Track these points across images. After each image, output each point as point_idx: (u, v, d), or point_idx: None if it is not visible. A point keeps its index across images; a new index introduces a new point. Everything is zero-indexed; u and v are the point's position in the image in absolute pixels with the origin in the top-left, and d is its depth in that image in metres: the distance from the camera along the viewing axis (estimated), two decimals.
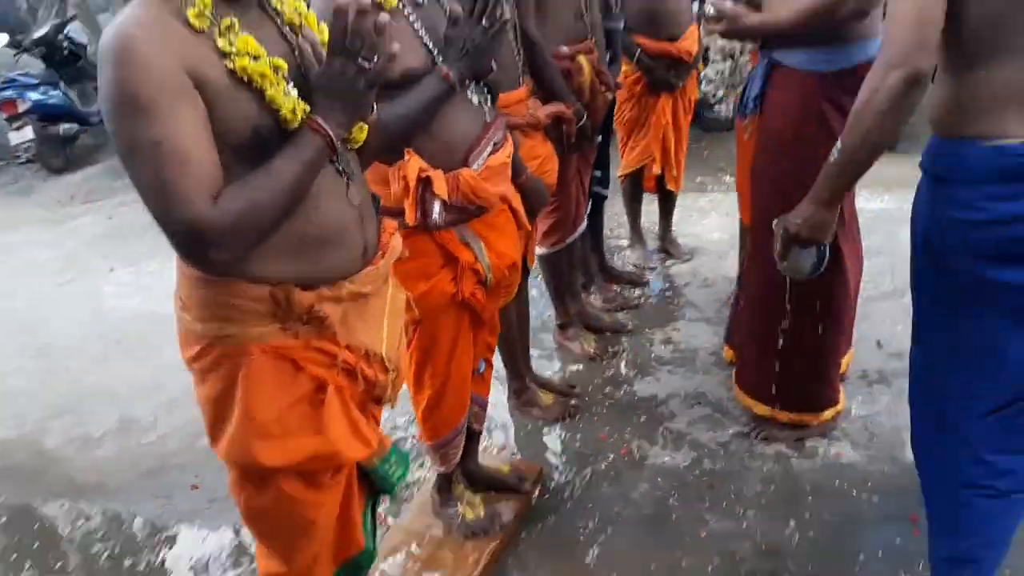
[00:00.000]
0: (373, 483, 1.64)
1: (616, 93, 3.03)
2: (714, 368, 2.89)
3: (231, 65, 1.22)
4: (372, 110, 1.40)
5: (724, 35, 2.24)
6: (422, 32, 1.72)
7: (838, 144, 1.52)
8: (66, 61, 7.39)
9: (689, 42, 3.27)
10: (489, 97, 1.90)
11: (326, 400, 1.43)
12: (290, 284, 1.33)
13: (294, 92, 1.27)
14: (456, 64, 1.69)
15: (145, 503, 2.57)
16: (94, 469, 2.80)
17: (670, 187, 3.69)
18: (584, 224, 2.97)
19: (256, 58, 1.24)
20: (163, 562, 2.31)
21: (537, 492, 2.35)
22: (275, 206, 1.23)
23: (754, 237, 2.36)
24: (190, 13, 1.20)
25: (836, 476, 2.30)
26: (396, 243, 1.55)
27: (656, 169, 3.53)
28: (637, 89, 3.33)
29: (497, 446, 2.60)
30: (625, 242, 4.02)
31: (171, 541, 2.40)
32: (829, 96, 2.05)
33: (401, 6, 1.69)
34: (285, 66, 1.27)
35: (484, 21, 1.64)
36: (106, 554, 2.37)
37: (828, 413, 2.44)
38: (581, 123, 2.59)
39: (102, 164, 7.14)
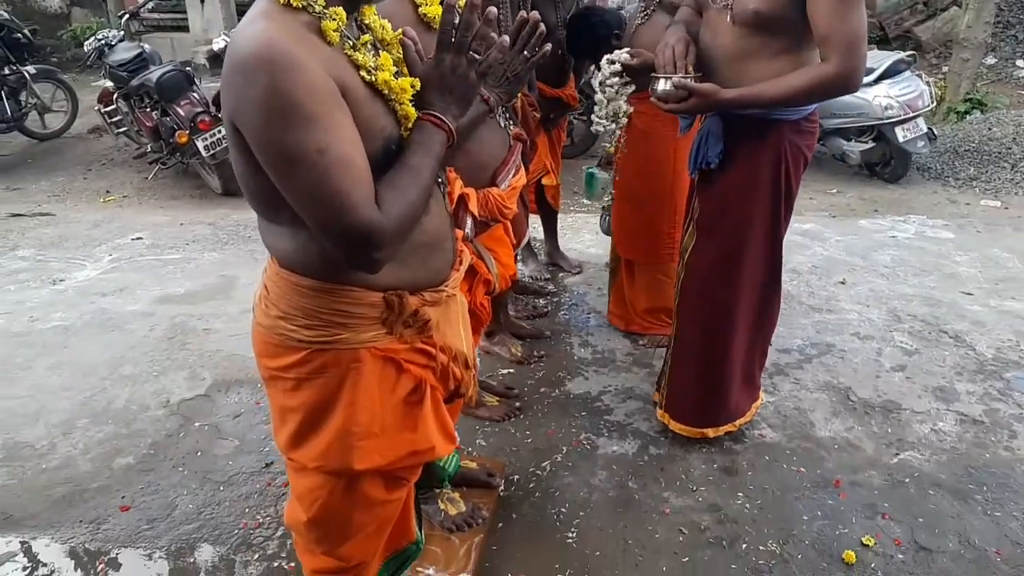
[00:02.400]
0: (424, 475, 1.68)
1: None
2: (634, 367, 3.13)
3: (368, 77, 1.24)
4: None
5: (690, 111, 2.18)
6: None
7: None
8: None
9: (571, 90, 3.55)
10: (512, 121, 2.01)
11: (423, 399, 1.47)
12: (402, 289, 1.37)
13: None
14: (495, 89, 1.79)
15: (70, 530, 2.33)
16: None
17: (552, 205, 3.95)
18: (525, 240, 3.12)
19: (395, 75, 1.28)
20: None
21: (503, 486, 2.44)
22: (422, 201, 1.27)
23: (699, 265, 2.44)
24: (328, 27, 1.21)
25: (765, 453, 2.60)
26: (466, 250, 1.63)
27: (549, 180, 3.76)
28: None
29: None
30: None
31: (114, 566, 2.20)
32: (791, 140, 2.22)
33: None
34: (419, 84, 1.31)
35: (526, 51, 1.72)
36: None
37: (752, 409, 2.71)
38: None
39: None
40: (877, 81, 5.49)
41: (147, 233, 4.93)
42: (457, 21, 1.24)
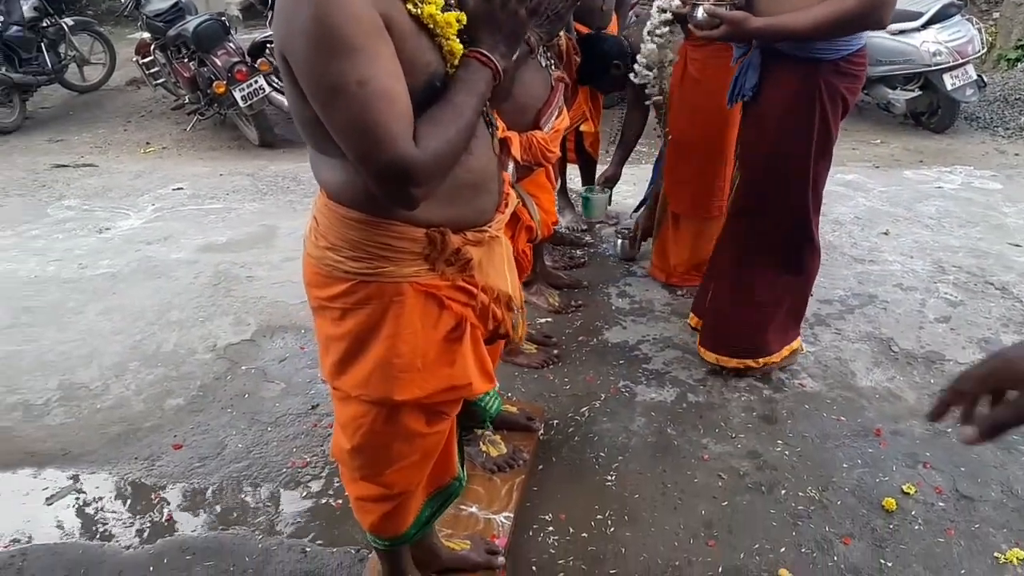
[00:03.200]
0: (465, 415, 1.71)
1: None
2: (673, 317, 3.14)
3: (414, 11, 1.23)
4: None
5: (722, 39, 2.24)
6: None
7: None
8: None
9: (612, 30, 3.49)
10: (553, 62, 1.99)
11: (463, 337, 1.49)
12: (445, 226, 1.38)
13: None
14: (536, 29, 1.77)
15: (126, 466, 2.42)
16: (51, 438, 2.58)
17: (591, 154, 3.92)
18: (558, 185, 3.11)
19: (443, 9, 1.26)
20: (172, 521, 2.20)
21: (542, 430, 2.48)
22: (462, 141, 1.26)
23: (739, 207, 2.53)
24: None
25: (805, 402, 2.60)
26: (512, 194, 1.63)
27: (588, 128, 3.73)
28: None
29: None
30: None
31: (168, 501, 2.29)
32: (827, 81, 2.20)
33: None
34: (464, 20, 1.29)
35: None
36: (102, 517, 2.23)
37: (786, 350, 2.73)
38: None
39: None
40: (925, 26, 5.31)
41: (187, 183, 4.99)
42: None
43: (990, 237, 3.78)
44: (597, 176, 4.03)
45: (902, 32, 5.32)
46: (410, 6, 1.23)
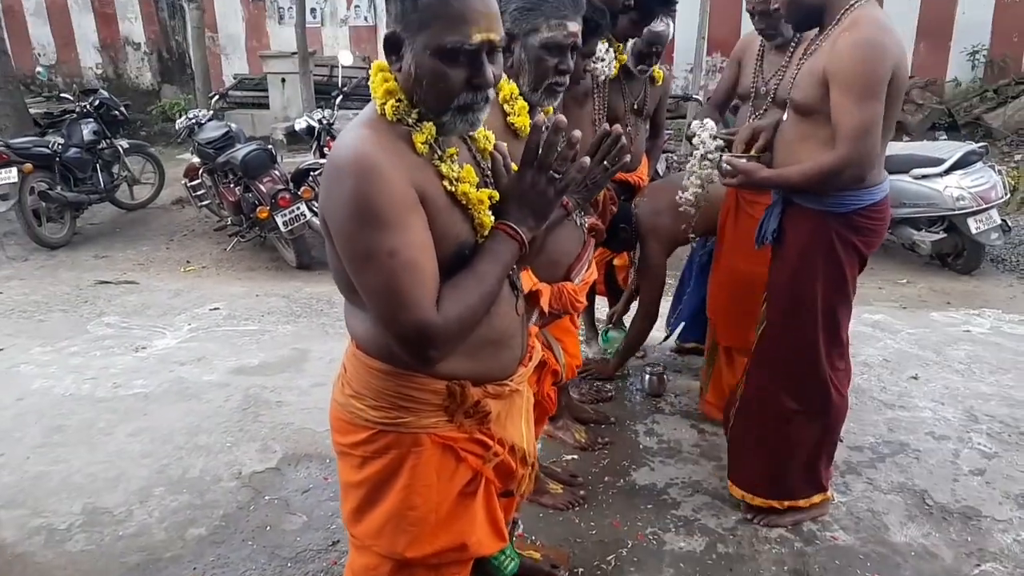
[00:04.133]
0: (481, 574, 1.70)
1: None
2: (702, 459, 3.10)
3: (450, 187, 1.34)
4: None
5: (739, 187, 2.51)
6: None
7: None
8: None
9: (642, 172, 3.63)
10: (586, 214, 2.09)
11: (478, 491, 1.52)
12: (466, 379, 1.44)
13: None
14: (575, 194, 1.88)
15: None
16: (71, 566, 2.56)
17: (621, 287, 4.00)
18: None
19: (476, 186, 1.37)
20: None
21: None
22: (483, 306, 1.35)
23: (762, 343, 2.59)
24: (417, 139, 1.33)
25: (837, 557, 2.52)
26: (537, 346, 1.70)
27: (621, 261, 3.82)
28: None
29: (516, 532, 2.65)
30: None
31: None
32: (838, 232, 2.33)
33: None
34: (496, 197, 1.40)
35: (607, 161, 1.79)
36: None
37: (817, 498, 2.68)
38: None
39: None
40: (949, 171, 5.44)
41: (224, 304, 5.13)
42: (542, 141, 1.33)
43: (1022, 385, 3.74)
44: (609, 317, 4.12)
45: (925, 177, 5.46)
46: (446, 183, 1.34)
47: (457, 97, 1.32)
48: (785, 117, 2.40)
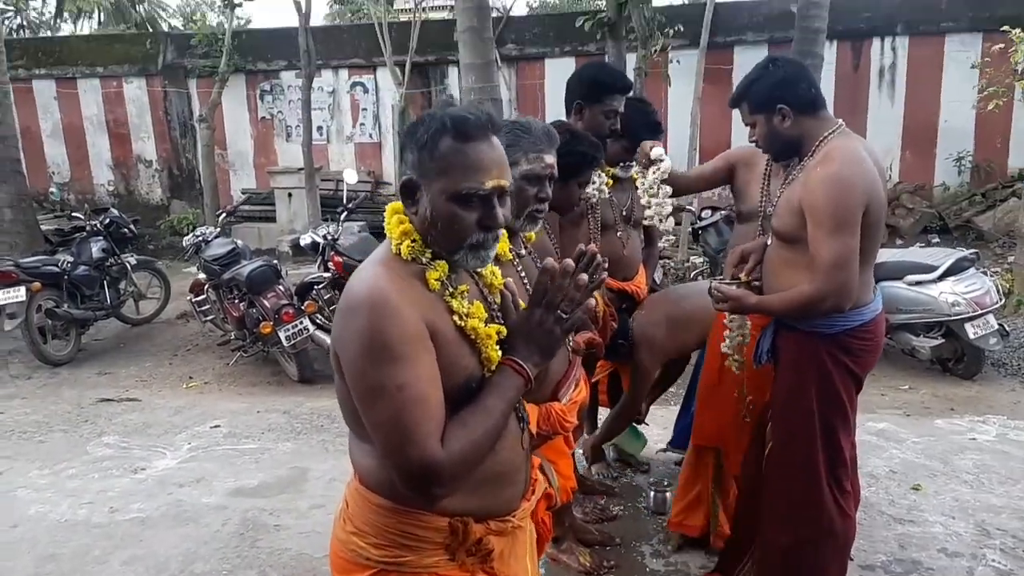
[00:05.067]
0: None
1: None
2: None
3: (459, 323, 1.40)
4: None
5: (729, 312, 2.55)
6: (526, 280, 1.97)
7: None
8: None
9: (640, 281, 3.70)
10: (571, 336, 2.13)
11: None
12: (469, 516, 1.44)
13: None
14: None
15: None
16: None
17: None
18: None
19: (485, 322, 1.42)
20: None
21: None
22: (488, 442, 1.37)
23: (769, 466, 2.56)
24: (431, 276, 1.40)
25: None
26: (540, 478, 1.70)
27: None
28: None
29: None
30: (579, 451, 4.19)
31: None
32: (829, 352, 2.36)
33: (514, 257, 1.94)
34: (504, 332, 1.45)
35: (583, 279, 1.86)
36: None
37: None
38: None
39: None
40: (942, 278, 5.51)
41: (225, 420, 5.11)
42: (550, 283, 1.38)
43: None
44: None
45: (919, 283, 5.53)
46: (456, 318, 1.39)
47: (470, 237, 1.40)
48: (769, 242, 2.48)
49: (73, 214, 8.52)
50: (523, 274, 1.97)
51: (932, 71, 10.29)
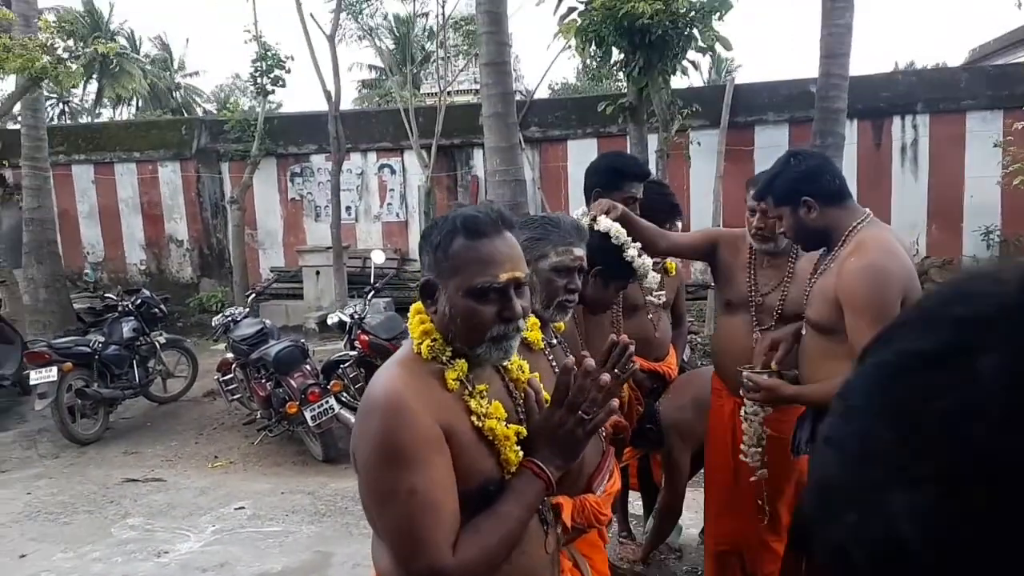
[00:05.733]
0: None
1: None
2: None
3: (478, 423, 1.39)
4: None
5: (762, 402, 2.48)
6: (556, 369, 1.97)
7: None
8: None
9: (671, 362, 3.67)
10: (603, 429, 2.11)
11: None
12: None
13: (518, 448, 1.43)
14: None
15: None
16: None
17: (657, 483, 3.91)
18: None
19: (506, 421, 1.42)
20: None
21: None
22: (503, 549, 1.34)
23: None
24: (449, 376, 1.40)
25: None
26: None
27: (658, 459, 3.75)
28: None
29: None
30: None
31: None
32: None
33: (545, 347, 1.95)
34: (524, 432, 1.44)
35: (617, 369, 1.87)
36: None
37: None
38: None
39: (13, 431, 6.77)
40: None
41: (249, 503, 5.06)
42: (572, 382, 1.37)
43: None
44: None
45: None
46: (474, 418, 1.38)
47: (490, 330, 1.40)
48: (804, 332, 2.45)
49: (106, 295, 8.69)
50: (554, 363, 1.97)
51: (955, 148, 10.34)
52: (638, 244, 2.86)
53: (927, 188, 10.55)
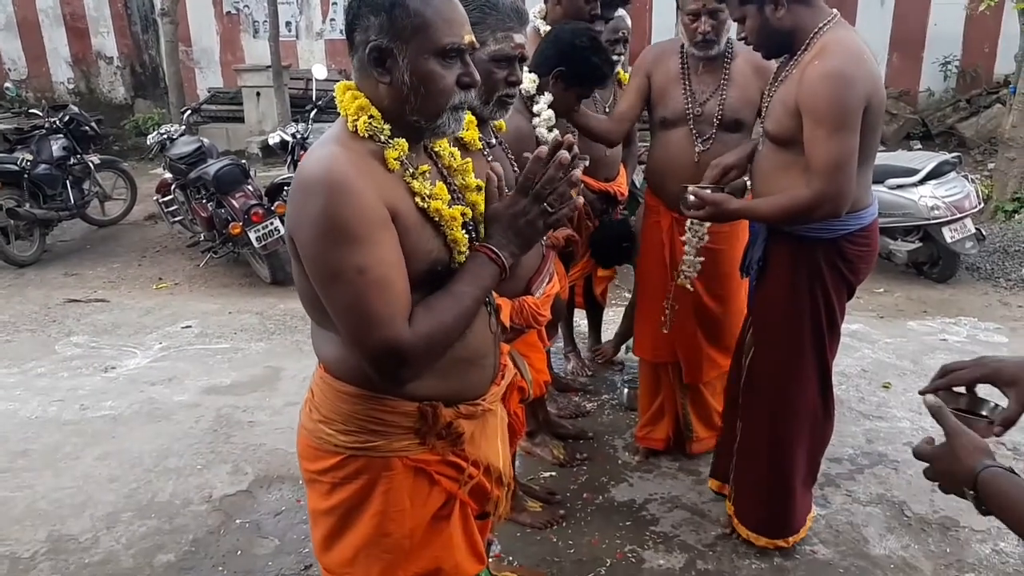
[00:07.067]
0: None
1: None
2: (680, 473, 3.06)
3: (421, 204, 1.32)
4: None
5: (706, 219, 2.35)
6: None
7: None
8: None
9: (621, 182, 3.60)
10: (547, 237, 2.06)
11: (452, 514, 1.47)
12: (438, 400, 1.40)
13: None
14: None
15: None
16: None
17: (599, 301, 3.97)
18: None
19: (449, 203, 1.35)
20: None
21: None
22: (458, 327, 1.32)
23: (751, 376, 2.50)
24: (389, 155, 1.31)
25: (817, 571, 2.50)
26: (510, 363, 1.66)
27: (605, 273, 3.78)
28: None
29: (492, 553, 2.60)
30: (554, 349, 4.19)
31: None
32: (827, 259, 2.25)
33: (483, 146, 1.84)
34: (470, 213, 1.38)
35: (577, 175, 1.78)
36: None
37: (809, 520, 2.64)
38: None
39: None
40: (923, 181, 5.48)
41: (196, 321, 5.04)
42: (540, 172, 1.30)
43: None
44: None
45: (900, 187, 5.49)
46: (418, 200, 1.31)
47: (452, 97, 1.33)
48: (760, 146, 2.36)
49: (31, 111, 8.17)
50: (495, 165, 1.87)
51: None
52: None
53: (892, 15, 10.27)
